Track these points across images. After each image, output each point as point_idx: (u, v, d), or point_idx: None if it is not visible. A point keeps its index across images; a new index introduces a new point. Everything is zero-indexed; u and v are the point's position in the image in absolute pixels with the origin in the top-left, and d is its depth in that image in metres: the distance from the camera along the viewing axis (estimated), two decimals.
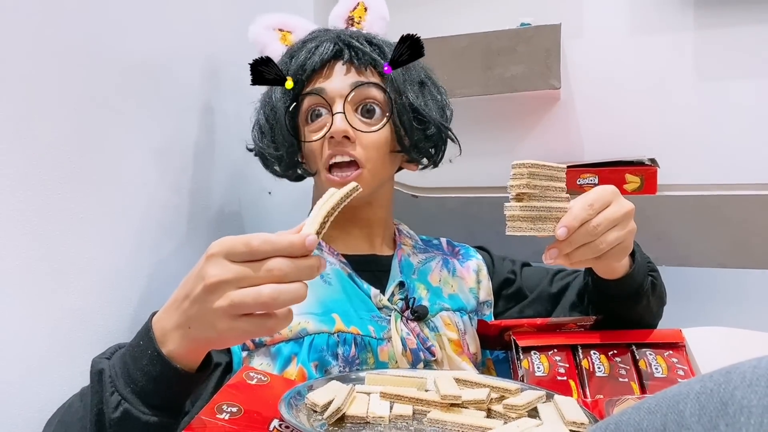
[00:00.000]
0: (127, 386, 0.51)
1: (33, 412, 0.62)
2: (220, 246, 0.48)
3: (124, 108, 0.76)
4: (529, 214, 0.59)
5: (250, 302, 0.46)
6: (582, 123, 1.15)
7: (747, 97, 1.05)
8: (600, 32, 1.13)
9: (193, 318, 0.49)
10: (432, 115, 0.77)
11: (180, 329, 0.50)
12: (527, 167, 0.59)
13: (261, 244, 0.47)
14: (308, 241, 0.47)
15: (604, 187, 0.63)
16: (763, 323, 0.81)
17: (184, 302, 0.49)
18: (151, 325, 0.52)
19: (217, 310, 0.47)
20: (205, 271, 0.47)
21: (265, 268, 0.47)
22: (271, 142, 0.79)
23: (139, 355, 0.52)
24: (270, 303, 0.46)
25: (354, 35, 0.78)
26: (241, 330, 0.48)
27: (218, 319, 0.47)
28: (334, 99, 0.74)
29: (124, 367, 0.52)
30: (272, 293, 0.46)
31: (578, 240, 0.60)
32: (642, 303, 0.75)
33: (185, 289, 0.50)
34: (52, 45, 0.66)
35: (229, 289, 0.47)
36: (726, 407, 0.32)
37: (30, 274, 0.63)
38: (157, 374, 0.51)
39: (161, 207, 0.83)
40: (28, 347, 0.63)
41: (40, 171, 0.64)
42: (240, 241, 0.47)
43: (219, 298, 0.47)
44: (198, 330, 0.49)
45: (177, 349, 0.51)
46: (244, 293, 0.46)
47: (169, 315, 0.51)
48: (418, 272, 0.82)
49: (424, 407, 0.56)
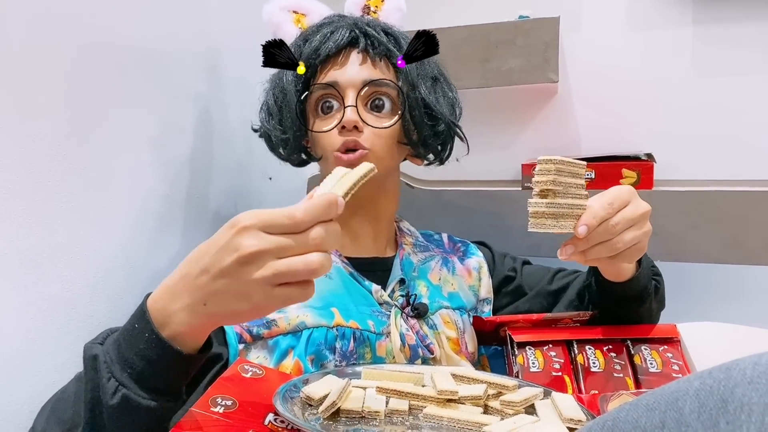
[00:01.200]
0: (124, 371, 0.49)
1: (22, 403, 0.61)
2: (254, 218, 0.47)
3: (119, 97, 0.75)
4: (554, 211, 0.58)
5: (300, 269, 0.46)
6: (579, 117, 1.15)
7: (744, 93, 1.05)
8: (598, 26, 1.13)
9: (217, 292, 0.47)
10: (443, 112, 0.77)
11: (191, 307, 0.48)
12: (555, 163, 0.58)
13: (304, 216, 0.47)
14: (340, 201, 0.48)
15: (622, 186, 0.63)
16: (757, 319, 0.81)
17: (201, 277, 0.47)
18: (147, 307, 0.50)
19: (258, 281, 0.46)
20: (239, 243, 0.46)
21: (310, 237, 0.46)
22: (279, 125, 0.78)
23: (136, 338, 0.50)
24: (319, 269, 0.46)
25: (371, 24, 0.77)
26: (282, 298, 0.47)
27: (256, 290, 0.46)
28: (346, 91, 0.74)
29: (118, 352, 0.50)
30: (321, 260, 0.46)
31: (596, 238, 0.60)
32: (644, 306, 0.76)
33: (202, 263, 0.48)
34: (46, 33, 0.65)
35: (269, 259, 0.46)
36: (726, 404, 0.32)
37: (20, 264, 0.62)
38: (156, 357, 0.49)
39: (156, 197, 0.82)
40: (18, 337, 0.62)
41: (31, 159, 0.63)
42: (281, 213, 0.47)
43: (259, 268, 0.45)
44: (219, 305, 0.48)
45: (182, 328, 0.49)
46: (292, 262, 0.46)
47: (175, 294, 0.49)
48: (419, 270, 0.81)
49: (421, 402, 0.56)
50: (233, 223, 0.47)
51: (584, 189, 0.61)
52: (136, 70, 0.78)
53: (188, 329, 0.49)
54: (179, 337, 0.49)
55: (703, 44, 1.07)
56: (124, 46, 0.76)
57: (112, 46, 0.74)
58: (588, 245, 0.61)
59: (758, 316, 0.87)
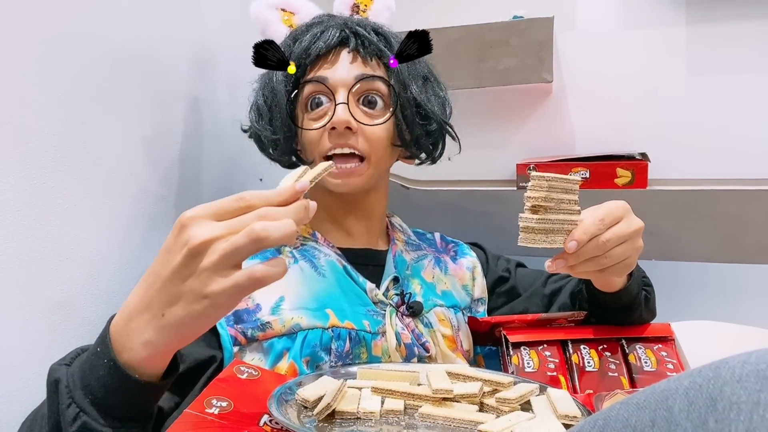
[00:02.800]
0: (86, 397, 0.46)
1: (17, 405, 0.61)
2: (200, 209, 0.44)
3: (112, 97, 0.75)
4: (544, 226, 0.59)
5: (242, 242, 0.42)
6: (574, 117, 1.15)
7: (738, 93, 1.06)
8: (592, 26, 1.13)
9: (172, 297, 0.44)
10: (434, 111, 0.77)
11: (150, 322, 0.45)
12: (547, 180, 0.59)
13: (253, 197, 0.45)
14: (298, 185, 0.46)
15: (616, 202, 0.63)
16: (751, 317, 0.82)
17: (154, 286, 0.44)
18: (109, 330, 0.47)
19: (205, 271, 0.42)
20: (188, 236, 0.43)
21: (257, 213, 0.44)
22: (268, 125, 0.77)
23: (97, 363, 0.46)
24: (264, 236, 0.42)
25: (361, 23, 0.76)
26: (235, 285, 0.42)
27: (207, 282, 0.42)
28: (337, 88, 0.73)
29: (82, 376, 0.47)
30: (265, 225, 0.42)
31: (586, 253, 0.61)
32: (633, 316, 0.76)
33: (154, 271, 0.45)
34: (38, 33, 0.65)
35: (221, 242, 0.42)
36: (715, 403, 0.32)
37: (13, 265, 0.62)
38: (115, 386, 0.46)
39: (149, 198, 0.82)
40: (12, 338, 0.62)
41: (25, 161, 0.63)
42: (229, 198, 0.45)
43: (205, 256, 0.42)
44: (176, 311, 0.44)
45: (142, 351, 0.45)
46: (234, 238, 0.42)
47: (133, 312, 0.46)
48: (412, 269, 0.81)
49: (416, 402, 0.56)
50: (179, 220, 0.44)
51: (577, 204, 0.62)
52: (129, 70, 0.78)
53: (149, 351, 0.45)
54: (139, 362, 0.46)
55: (697, 44, 1.07)
56: (116, 46, 0.76)
57: (105, 47, 0.74)
58: (578, 260, 0.61)
59: (752, 314, 0.87)
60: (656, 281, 0.81)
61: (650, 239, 1.02)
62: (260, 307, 0.69)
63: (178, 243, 0.43)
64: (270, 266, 0.43)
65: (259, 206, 0.45)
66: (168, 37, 0.86)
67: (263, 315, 0.68)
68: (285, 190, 0.46)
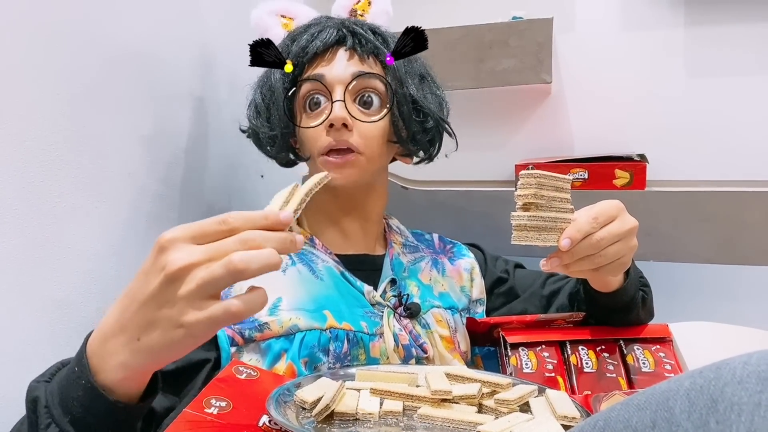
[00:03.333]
0: (65, 416, 0.45)
1: (13, 404, 0.60)
2: (180, 230, 0.43)
3: (112, 96, 0.75)
4: (536, 223, 0.60)
5: (219, 273, 0.40)
6: (572, 118, 1.15)
7: (736, 94, 1.06)
8: (592, 27, 1.13)
9: (148, 322, 0.42)
10: (431, 108, 0.77)
11: (125, 344, 0.43)
12: (536, 177, 0.59)
13: (237, 220, 0.43)
14: (283, 216, 0.44)
15: (610, 201, 0.63)
16: (749, 318, 0.82)
17: (130, 308, 0.43)
18: (86, 349, 0.46)
19: (182, 299, 0.41)
20: (165, 260, 0.41)
21: (239, 238, 0.42)
22: (266, 122, 0.77)
23: (74, 383, 0.45)
24: (243, 268, 0.40)
25: (358, 23, 0.77)
26: (210, 317, 0.41)
27: (184, 311, 0.41)
28: (334, 86, 0.73)
29: (61, 394, 0.46)
30: (243, 257, 0.40)
31: (580, 252, 0.61)
32: (631, 316, 0.76)
33: (130, 293, 0.44)
34: (38, 31, 0.64)
35: (200, 270, 0.41)
36: (716, 404, 0.32)
37: (11, 263, 0.62)
38: (93, 406, 0.45)
39: (149, 197, 0.82)
40: (10, 337, 0.62)
41: (24, 159, 0.63)
42: (212, 220, 0.43)
43: (183, 284, 0.41)
44: (152, 337, 0.42)
45: (119, 373, 0.44)
46: (212, 267, 0.41)
47: (108, 334, 0.44)
48: (409, 270, 0.81)
49: (415, 403, 0.56)
50: (157, 242, 0.43)
51: (569, 203, 0.62)
52: (129, 69, 0.78)
53: (125, 373, 0.44)
54: (115, 384, 0.45)
55: (695, 45, 1.08)
56: (116, 45, 0.76)
57: (105, 46, 0.74)
58: (572, 259, 0.61)
59: (750, 315, 0.88)
60: (654, 282, 0.81)
61: (648, 240, 1.02)
62: None
63: (156, 267, 0.42)
64: (248, 300, 0.42)
65: (243, 230, 0.43)
66: (168, 36, 0.86)
67: (261, 315, 0.68)
68: (272, 216, 0.44)
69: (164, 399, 0.61)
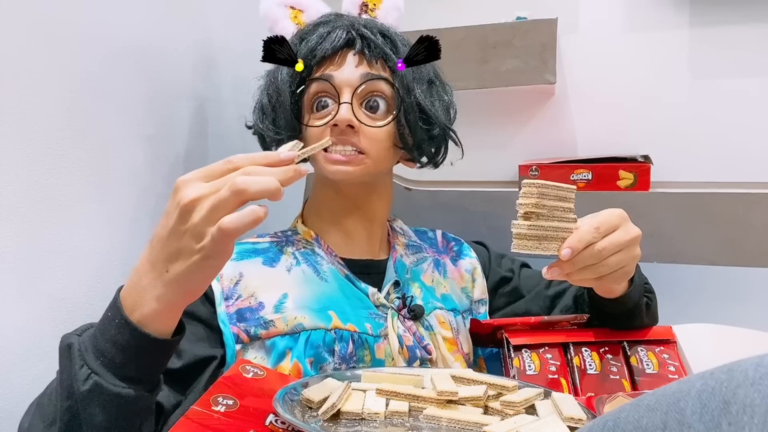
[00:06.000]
0: (97, 359, 0.49)
1: (19, 402, 0.61)
2: (191, 174, 0.48)
3: (116, 94, 0.75)
4: (536, 233, 0.60)
5: (224, 195, 0.45)
6: (576, 118, 1.15)
7: (741, 96, 1.06)
8: (596, 28, 1.13)
9: (173, 253, 0.47)
10: (438, 116, 0.77)
11: (157, 279, 0.48)
12: (537, 187, 0.59)
13: (240, 159, 0.48)
14: (283, 154, 0.49)
15: (613, 210, 0.63)
16: (753, 320, 0.82)
17: (157, 246, 0.48)
18: (119, 294, 0.51)
19: (196, 225, 0.46)
20: (180, 197, 0.47)
21: (242, 170, 0.47)
22: (272, 124, 0.77)
23: (108, 326, 0.50)
24: (244, 188, 0.45)
25: (368, 25, 0.76)
26: (226, 231, 0.45)
27: (199, 236, 0.46)
28: (342, 88, 0.73)
29: (93, 341, 0.50)
30: (245, 178, 0.45)
31: (581, 262, 0.61)
32: (635, 322, 0.76)
33: (156, 235, 0.49)
34: (41, 30, 0.64)
35: (210, 198, 0.46)
36: (728, 406, 0.32)
37: (15, 262, 0.61)
38: (126, 343, 0.49)
39: (153, 196, 0.82)
40: (15, 336, 0.61)
41: (28, 158, 0.63)
42: (219, 162, 0.48)
43: (195, 212, 0.46)
44: (178, 265, 0.47)
45: (153, 306, 0.48)
46: (218, 192, 0.46)
47: (141, 273, 0.49)
48: (411, 272, 0.81)
49: (421, 404, 0.56)
50: (175, 184, 0.48)
51: (572, 213, 0.62)
52: (133, 68, 0.78)
53: (158, 306, 0.49)
54: (150, 319, 0.49)
55: (700, 46, 1.08)
56: (120, 44, 0.76)
57: (109, 45, 0.74)
58: (573, 268, 0.61)
59: (754, 317, 0.87)
60: (658, 284, 0.81)
61: (652, 242, 1.02)
62: (263, 306, 0.69)
63: (173, 204, 0.47)
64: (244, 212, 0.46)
65: (245, 166, 0.48)
66: (173, 35, 0.86)
67: (266, 313, 0.68)
68: (272, 155, 0.49)
69: (171, 395, 0.61)
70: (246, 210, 0.46)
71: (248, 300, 0.69)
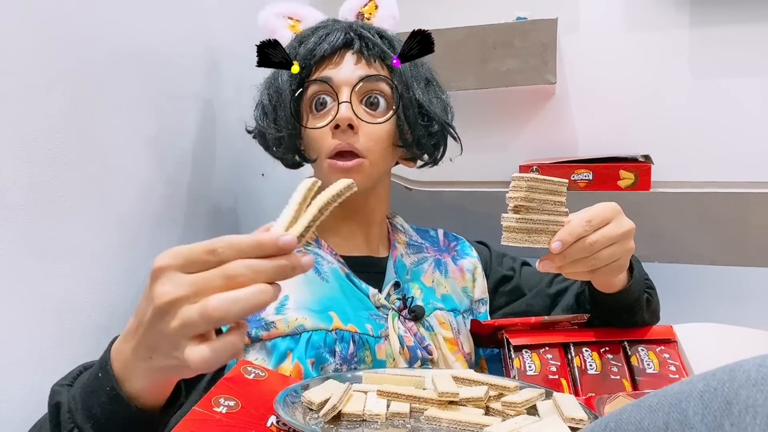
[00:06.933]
0: (88, 421, 0.46)
1: (20, 403, 0.61)
2: (171, 257, 0.40)
3: (118, 96, 0.75)
4: (525, 226, 0.60)
5: (195, 320, 0.38)
6: (577, 118, 1.15)
7: (741, 95, 1.06)
8: (596, 28, 1.13)
9: (151, 346, 0.42)
10: (436, 112, 0.77)
11: (141, 361, 0.44)
12: (526, 180, 0.59)
13: (225, 249, 0.40)
14: (282, 241, 0.40)
15: (606, 204, 0.63)
16: (753, 320, 0.82)
17: (139, 330, 0.43)
18: (110, 356, 0.46)
19: (172, 334, 0.40)
20: (154, 291, 0.40)
21: (222, 274, 0.39)
22: (273, 123, 0.77)
23: (99, 389, 0.46)
24: (219, 317, 0.38)
25: (365, 27, 0.77)
26: (193, 366, 0.39)
27: (174, 345, 0.40)
28: (341, 88, 0.74)
29: (84, 399, 0.47)
30: (220, 304, 0.38)
31: (573, 255, 0.61)
32: (635, 317, 0.76)
33: (138, 314, 0.43)
34: (42, 31, 0.64)
35: (185, 305, 0.39)
36: (731, 406, 0.32)
37: (19, 264, 0.61)
38: (117, 414, 0.46)
39: (155, 197, 0.82)
40: (16, 337, 0.61)
41: (30, 159, 0.63)
42: (201, 248, 0.40)
43: (171, 318, 0.39)
44: (160, 359, 0.42)
45: (143, 382, 0.45)
46: (190, 311, 0.39)
47: (128, 344, 0.45)
48: (412, 273, 0.82)
49: (422, 405, 0.56)
50: (152, 267, 0.41)
51: (564, 206, 0.62)
52: (135, 70, 0.78)
53: (147, 383, 0.45)
54: (140, 393, 0.46)
55: (701, 46, 1.08)
56: (122, 46, 0.76)
57: (111, 46, 0.74)
58: (564, 261, 0.61)
59: (754, 317, 0.88)
60: (658, 283, 0.81)
61: (653, 241, 1.02)
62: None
63: (149, 297, 0.41)
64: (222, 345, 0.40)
65: (232, 260, 0.40)
66: (174, 37, 0.86)
67: (267, 314, 0.68)
68: (267, 243, 0.40)
69: None
70: (222, 343, 0.40)
71: None
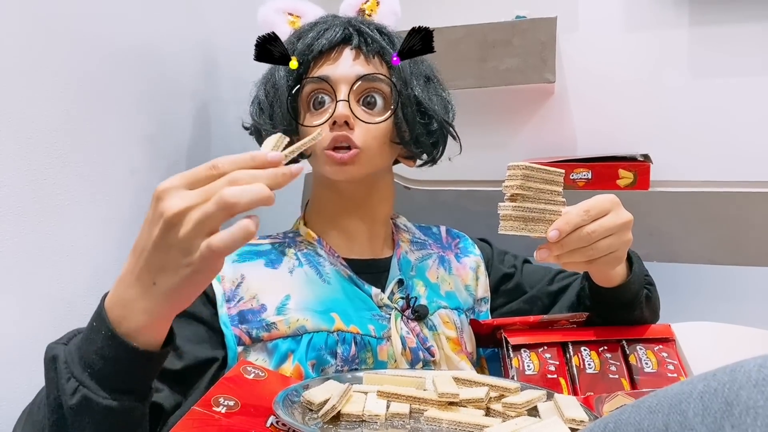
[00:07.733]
0: (84, 371, 0.47)
1: (18, 401, 0.60)
2: (174, 179, 0.45)
3: (115, 94, 0.75)
4: (522, 214, 0.60)
5: (212, 210, 0.43)
6: (576, 117, 1.15)
7: (740, 95, 1.06)
8: (595, 27, 1.13)
9: (159, 267, 0.45)
10: (435, 110, 0.76)
11: (144, 292, 0.46)
12: (521, 169, 0.59)
13: (225, 163, 0.45)
14: (270, 156, 0.46)
15: (605, 195, 0.63)
16: (752, 319, 0.82)
17: (141, 258, 0.46)
18: (104, 304, 0.48)
19: (183, 241, 0.43)
20: (163, 208, 0.44)
21: (227, 178, 0.44)
22: (269, 119, 0.77)
23: (94, 336, 0.47)
24: (233, 202, 0.42)
25: (365, 23, 0.76)
26: (217, 251, 0.43)
27: (187, 250, 0.43)
28: (339, 86, 0.73)
29: (79, 351, 0.48)
30: (234, 191, 0.43)
31: (570, 244, 0.61)
32: (635, 314, 0.76)
33: (139, 244, 0.46)
34: (40, 30, 0.64)
35: (194, 210, 0.43)
36: (731, 408, 0.32)
37: (16, 262, 0.61)
38: (114, 356, 0.47)
39: (152, 196, 0.81)
40: (13, 335, 0.61)
41: (27, 158, 0.63)
42: (202, 166, 0.45)
43: (181, 226, 0.43)
44: (166, 279, 0.45)
45: (141, 319, 0.46)
46: (204, 206, 0.43)
47: (126, 284, 0.47)
48: (416, 269, 0.81)
49: (422, 406, 0.56)
50: (155, 192, 0.45)
51: (561, 196, 0.62)
52: (133, 68, 0.78)
53: (146, 319, 0.47)
54: (138, 332, 0.47)
55: (700, 46, 1.08)
56: (120, 44, 0.75)
57: (109, 45, 0.73)
58: (562, 250, 0.61)
59: (753, 316, 0.88)
60: (657, 282, 0.81)
61: (652, 240, 1.02)
62: (265, 308, 0.69)
63: (156, 215, 0.45)
64: (234, 229, 0.43)
65: (232, 171, 0.45)
66: (172, 34, 0.85)
67: (269, 315, 0.68)
68: (259, 156, 0.46)
69: (171, 396, 0.61)
70: (237, 227, 0.43)
71: (250, 302, 0.69)
